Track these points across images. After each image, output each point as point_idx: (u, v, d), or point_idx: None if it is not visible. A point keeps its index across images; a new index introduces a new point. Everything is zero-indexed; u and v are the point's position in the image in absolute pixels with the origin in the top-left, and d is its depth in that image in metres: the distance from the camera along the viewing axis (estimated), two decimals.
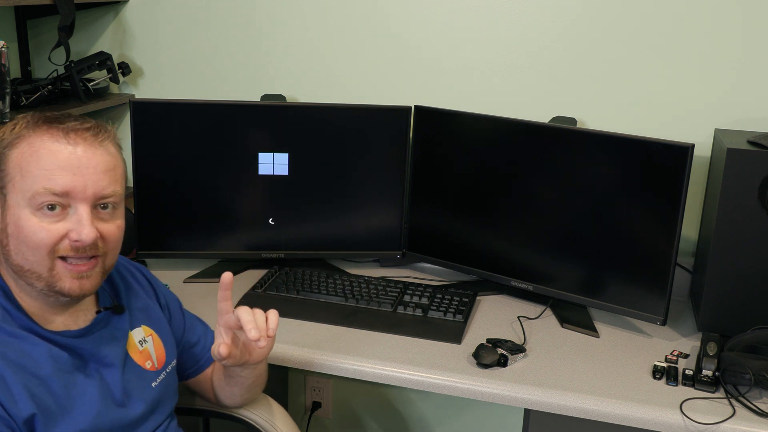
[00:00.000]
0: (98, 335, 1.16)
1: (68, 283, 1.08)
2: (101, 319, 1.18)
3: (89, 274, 1.10)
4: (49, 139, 1.07)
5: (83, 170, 1.07)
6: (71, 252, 1.07)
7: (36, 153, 1.06)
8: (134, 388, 1.19)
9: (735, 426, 1.34)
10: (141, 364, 1.22)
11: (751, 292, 1.57)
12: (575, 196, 1.72)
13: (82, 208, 1.07)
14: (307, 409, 2.32)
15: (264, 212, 1.93)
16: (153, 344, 1.26)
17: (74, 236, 1.06)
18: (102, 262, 1.12)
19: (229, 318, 1.21)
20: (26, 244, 1.06)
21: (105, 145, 1.12)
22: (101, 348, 1.16)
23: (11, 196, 1.06)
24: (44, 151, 1.06)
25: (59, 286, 1.08)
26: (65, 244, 1.07)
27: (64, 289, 1.08)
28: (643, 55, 1.84)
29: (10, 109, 1.75)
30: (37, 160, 1.06)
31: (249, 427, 1.46)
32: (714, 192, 1.64)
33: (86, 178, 1.07)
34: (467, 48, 1.96)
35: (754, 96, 1.79)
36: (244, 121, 1.88)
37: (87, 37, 2.20)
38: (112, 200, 1.12)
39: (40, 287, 1.08)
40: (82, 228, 1.06)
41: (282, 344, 1.56)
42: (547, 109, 1.91)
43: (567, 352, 1.59)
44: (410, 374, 1.49)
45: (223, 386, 1.39)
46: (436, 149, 1.90)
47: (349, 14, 2.02)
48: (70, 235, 1.07)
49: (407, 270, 2.02)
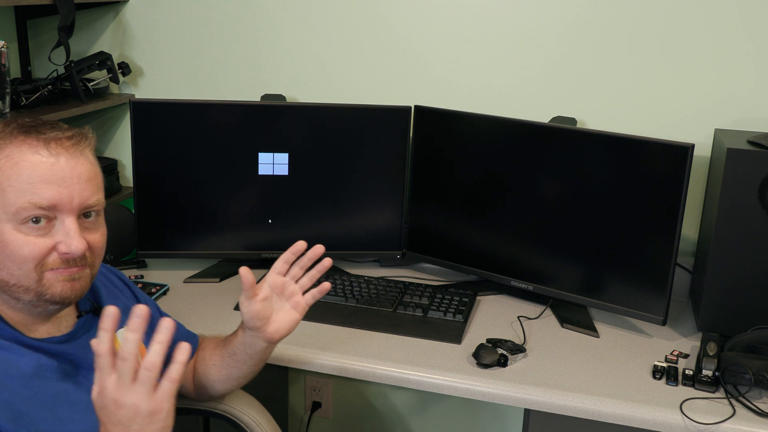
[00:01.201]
0: (84, 339, 1.14)
1: (60, 288, 1.06)
2: (83, 323, 1.16)
3: (79, 276, 1.08)
4: (28, 150, 1.03)
5: (67, 181, 1.04)
6: (60, 264, 1.05)
7: (16, 166, 1.02)
8: None
9: (735, 426, 1.34)
10: None
11: (751, 292, 1.57)
12: (575, 196, 1.72)
13: (69, 220, 1.04)
14: (307, 409, 2.32)
15: (264, 212, 1.93)
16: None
17: (64, 249, 1.04)
18: (90, 269, 1.10)
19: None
20: (11, 259, 1.03)
21: (85, 154, 1.08)
22: (88, 352, 1.14)
23: None
24: (25, 164, 1.02)
25: (50, 294, 1.06)
26: (54, 257, 1.04)
27: (56, 296, 1.06)
28: (643, 55, 1.84)
29: (10, 109, 1.75)
30: (18, 173, 1.02)
31: (239, 428, 1.47)
32: (714, 192, 1.64)
33: (71, 189, 1.04)
34: (467, 48, 1.96)
35: (754, 96, 1.79)
36: (244, 121, 1.88)
37: (87, 37, 2.20)
38: (96, 208, 1.10)
39: (28, 299, 1.06)
40: (72, 240, 1.04)
41: (282, 344, 1.54)
42: (547, 109, 1.91)
43: (567, 352, 1.59)
44: (410, 374, 1.49)
45: (217, 371, 1.36)
46: (436, 149, 1.90)
47: (350, 14, 2.02)
48: (59, 248, 1.04)
49: (407, 270, 2.02)
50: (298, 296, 1.28)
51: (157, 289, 1.80)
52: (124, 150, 2.26)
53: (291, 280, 1.28)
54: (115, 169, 2.20)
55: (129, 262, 1.96)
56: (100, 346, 0.94)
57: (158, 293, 1.78)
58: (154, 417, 0.94)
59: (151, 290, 1.79)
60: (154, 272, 1.94)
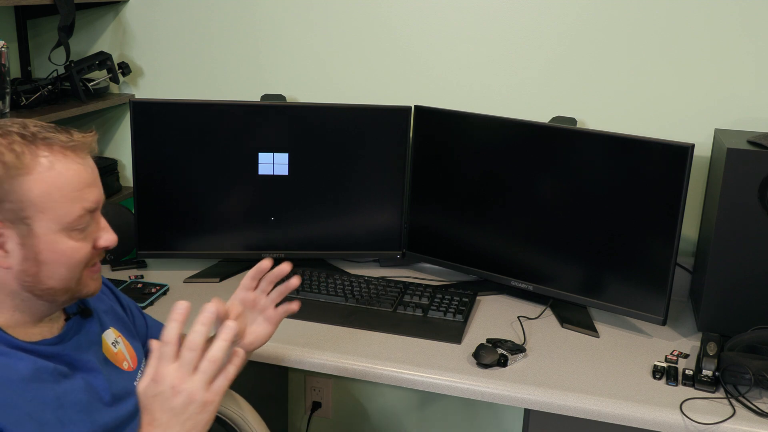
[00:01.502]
0: (75, 341, 1.15)
1: (92, 285, 1.12)
2: (73, 324, 1.17)
3: (99, 273, 1.15)
4: (64, 159, 1.05)
5: (96, 180, 1.10)
6: (96, 258, 1.11)
7: (61, 176, 1.04)
8: (120, 387, 1.19)
9: (735, 426, 1.34)
10: (119, 365, 1.22)
11: (751, 292, 1.57)
12: (575, 196, 1.72)
13: (98, 215, 1.10)
14: (307, 409, 2.32)
15: (264, 212, 1.93)
16: (124, 345, 1.26)
17: (104, 243, 1.10)
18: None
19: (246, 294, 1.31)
20: (66, 266, 1.06)
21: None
22: (81, 354, 1.15)
23: (40, 225, 1.03)
24: (70, 173, 1.05)
25: (85, 292, 1.11)
26: (94, 253, 1.10)
27: (90, 292, 1.12)
28: (643, 55, 1.84)
29: (10, 109, 1.75)
30: (68, 182, 1.04)
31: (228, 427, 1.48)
32: (714, 192, 1.64)
33: (99, 187, 1.10)
34: (467, 48, 1.96)
35: (754, 96, 1.79)
36: (244, 121, 1.88)
37: (87, 37, 2.20)
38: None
39: (62, 300, 1.10)
40: (109, 234, 1.11)
41: (282, 344, 1.56)
42: (547, 109, 1.91)
43: (567, 352, 1.59)
44: (410, 374, 1.49)
45: None
46: (436, 149, 1.90)
47: (350, 14, 2.02)
48: (99, 243, 1.09)
49: (407, 270, 2.02)
50: (270, 310, 1.33)
51: (157, 289, 1.79)
52: (124, 150, 2.26)
53: (262, 294, 1.32)
54: (115, 169, 2.20)
55: (129, 262, 1.96)
56: (168, 334, 0.99)
57: (158, 293, 1.78)
58: (205, 408, 0.99)
59: (151, 290, 1.79)
60: (154, 272, 1.94)
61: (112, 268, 1.93)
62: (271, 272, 1.30)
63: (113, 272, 1.92)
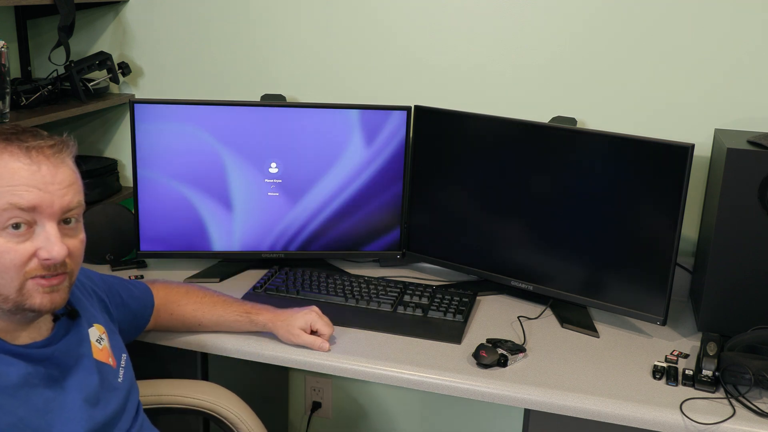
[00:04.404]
0: (65, 342, 1.15)
1: (39, 299, 1.05)
2: (61, 326, 1.16)
3: (59, 288, 1.07)
4: (9, 158, 1.02)
5: (48, 186, 1.04)
6: (41, 271, 1.04)
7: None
8: (107, 386, 1.19)
9: (735, 426, 1.34)
10: (105, 361, 1.22)
11: (751, 292, 1.57)
12: (575, 196, 1.72)
13: (49, 225, 1.04)
14: (307, 409, 2.32)
15: (264, 212, 1.93)
16: (108, 341, 1.26)
17: (45, 255, 1.03)
18: (69, 277, 1.10)
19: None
20: None
21: (66, 162, 1.08)
22: (71, 354, 1.15)
23: None
24: (5, 170, 1.02)
25: (29, 304, 1.05)
26: (34, 264, 1.04)
27: (34, 306, 1.05)
28: (643, 55, 1.84)
29: (10, 109, 1.75)
30: (2, 176, 1.01)
31: (224, 427, 1.48)
32: (714, 192, 1.64)
33: (52, 193, 1.04)
34: (467, 48, 1.96)
35: (754, 96, 1.79)
36: (244, 121, 1.88)
37: (87, 37, 2.20)
38: (76, 212, 1.09)
39: (7, 308, 1.05)
40: (53, 246, 1.03)
41: (282, 344, 1.56)
42: (547, 109, 1.91)
43: (567, 352, 1.59)
44: (410, 374, 1.49)
45: (200, 318, 1.55)
46: (435, 149, 1.90)
47: (350, 14, 2.02)
48: (40, 254, 1.03)
49: (407, 270, 2.02)
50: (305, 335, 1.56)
51: None
52: (124, 150, 2.26)
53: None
54: (115, 169, 2.20)
55: (129, 262, 1.96)
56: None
57: None
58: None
59: None
60: (154, 272, 1.94)
61: (112, 269, 1.93)
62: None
63: (113, 272, 1.92)
